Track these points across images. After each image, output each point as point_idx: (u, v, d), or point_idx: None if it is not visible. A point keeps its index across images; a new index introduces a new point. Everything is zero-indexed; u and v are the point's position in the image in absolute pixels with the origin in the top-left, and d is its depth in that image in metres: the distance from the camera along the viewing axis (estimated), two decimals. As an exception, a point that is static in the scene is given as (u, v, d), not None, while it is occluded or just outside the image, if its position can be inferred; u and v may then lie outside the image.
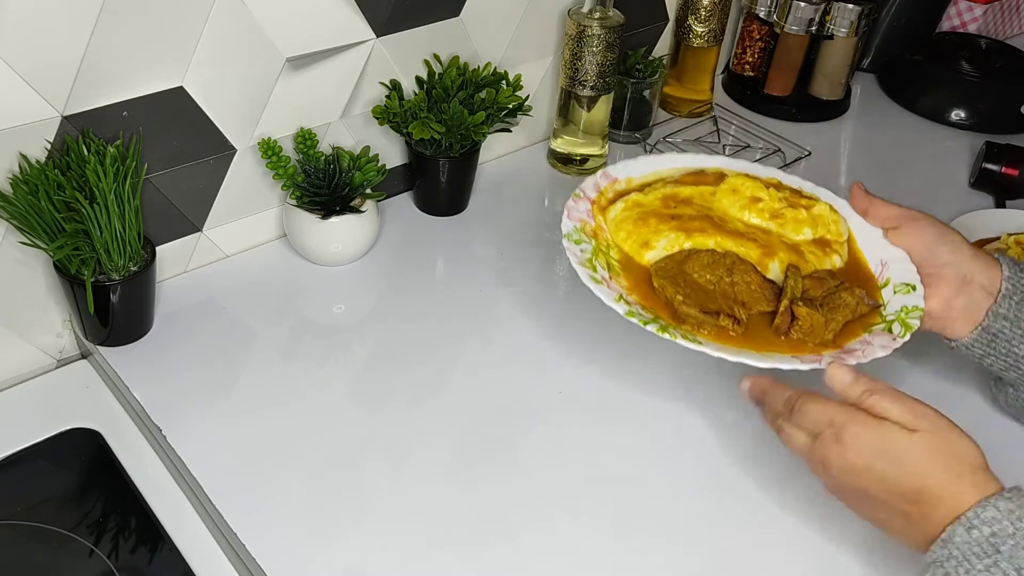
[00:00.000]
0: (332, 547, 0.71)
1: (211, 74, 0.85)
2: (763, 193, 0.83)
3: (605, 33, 1.05)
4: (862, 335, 0.73)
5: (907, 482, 0.60)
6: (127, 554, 0.72)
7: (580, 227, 0.80)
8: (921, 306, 0.74)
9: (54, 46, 0.75)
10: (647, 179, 0.88)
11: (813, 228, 0.82)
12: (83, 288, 0.79)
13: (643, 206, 0.83)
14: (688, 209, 0.82)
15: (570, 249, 0.78)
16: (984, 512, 0.57)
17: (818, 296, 0.74)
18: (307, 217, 0.93)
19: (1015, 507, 0.57)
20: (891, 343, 0.72)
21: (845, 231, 0.84)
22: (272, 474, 0.76)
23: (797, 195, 0.85)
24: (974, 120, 1.33)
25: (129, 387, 0.82)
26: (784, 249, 0.79)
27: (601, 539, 0.73)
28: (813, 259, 0.80)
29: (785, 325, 0.73)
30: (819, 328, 0.72)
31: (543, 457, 0.79)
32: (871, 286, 0.78)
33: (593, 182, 0.87)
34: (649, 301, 0.75)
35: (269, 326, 0.90)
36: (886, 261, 0.79)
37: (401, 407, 0.83)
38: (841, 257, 0.82)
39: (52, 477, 0.78)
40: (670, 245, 0.80)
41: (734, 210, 0.83)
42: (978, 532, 0.57)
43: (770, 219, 0.82)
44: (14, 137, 0.76)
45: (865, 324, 0.75)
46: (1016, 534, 0.56)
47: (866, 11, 1.25)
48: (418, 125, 0.96)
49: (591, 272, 0.75)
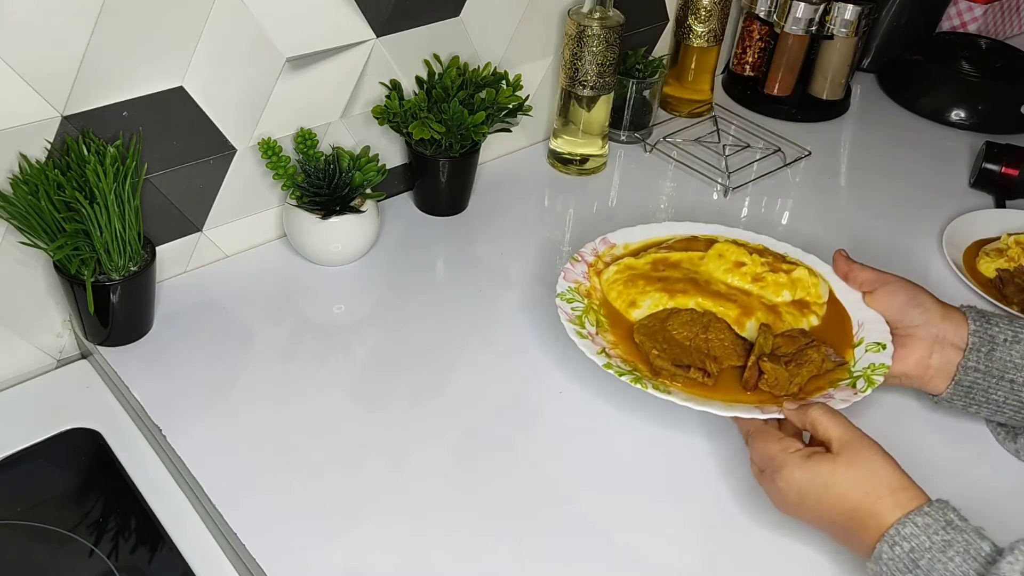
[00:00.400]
0: (332, 547, 0.71)
1: (211, 74, 0.85)
2: (747, 258, 0.90)
3: (605, 33, 1.05)
4: (827, 389, 0.79)
5: (837, 509, 0.66)
6: (127, 554, 0.72)
7: (575, 287, 0.88)
8: (888, 364, 0.80)
9: (54, 46, 0.75)
10: (643, 244, 0.95)
11: (792, 290, 0.89)
12: (83, 288, 0.79)
13: (634, 269, 0.91)
14: (675, 272, 0.90)
15: (561, 307, 0.85)
16: (904, 529, 0.62)
17: (788, 353, 0.80)
18: (307, 217, 0.93)
19: (932, 521, 0.62)
20: (852, 397, 0.77)
21: (825, 293, 0.90)
22: (272, 474, 0.76)
23: (780, 260, 0.92)
24: (974, 120, 1.33)
25: (129, 387, 0.82)
26: (762, 309, 0.86)
27: (601, 539, 0.73)
28: (790, 319, 0.86)
29: (753, 379, 0.79)
30: (783, 382, 0.78)
31: (543, 457, 0.79)
32: (846, 344, 0.84)
33: (592, 247, 0.94)
34: (631, 355, 0.83)
35: (269, 326, 0.90)
36: (863, 321, 0.86)
37: (401, 407, 0.83)
38: (818, 317, 0.88)
39: (52, 477, 0.78)
40: (654, 304, 0.87)
41: (719, 273, 0.90)
42: (899, 548, 0.62)
43: (752, 282, 0.89)
44: (14, 137, 0.76)
45: (831, 379, 0.80)
46: (932, 548, 0.61)
47: (866, 11, 1.25)
48: (418, 125, 0.96)
49: (578, 328, 0.83)
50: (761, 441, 0.72)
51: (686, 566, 0.72)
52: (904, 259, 1.04)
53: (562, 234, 1.05)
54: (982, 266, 1.05)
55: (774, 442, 0.71)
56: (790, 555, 0.73)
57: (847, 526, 0.66)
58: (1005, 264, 1.04)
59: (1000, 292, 1.01)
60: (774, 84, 1.32)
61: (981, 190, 1.20)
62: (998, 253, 1.05)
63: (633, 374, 0.79)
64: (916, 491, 0.65)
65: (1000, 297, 1.00)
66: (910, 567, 0.61)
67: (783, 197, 1.17)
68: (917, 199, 1.18)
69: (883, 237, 1.09)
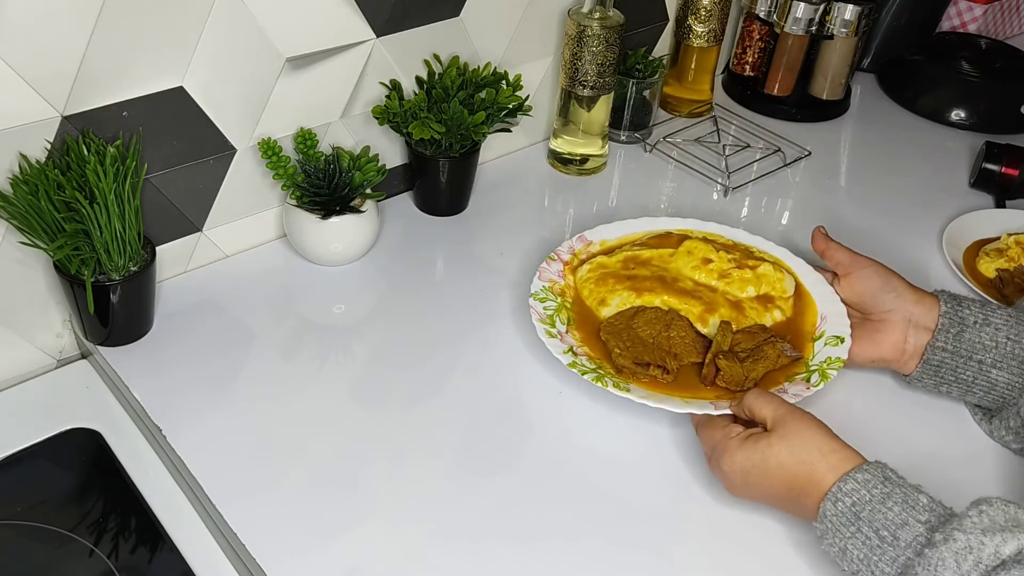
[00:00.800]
0: (332, 547, 0.71)
1: (211, 74, 0.85)
2: (714, 255, 0.92)
3: (605, 33, 1.05)
4: (782, 383, 0.81)
5: (778, 481, 0.69)
6: (127, 554, 0.72)
7: (549, 287, 0.90)
8: (843, 358, 0.83)
9: (54, 46, 0.75)
10: (620, 241, 0.98)
11: (756, 286, 0.91)
12: (83, 288, 0.79)
13: (606, 267, 0.93)
14: (644, 270, 0.92)
15: (534, 307, 0.87)
16: (845, 486, 0.66)
17: (747, 349, 0.83)
18: (307, 217, 0.93)
19: (871, 477, 0.66)
20: (804, 392, 0.80)
21: (791, 287, 0.92)
22: (272, 474, 0.76)
23: (748, 255, 0.94)
24: (974, 120, 1.33)
25: (129, 387, 0.82)
26: (726, 306, 0.88)
27: (600, 539, 0.73)
28: (753, 314, 0.89)
29: (711, 375, 0.81)
30: (738, 378, 0.80)
31: (543, 457, 0.79)
32: (807, 338, 0.87)
33: (568, 245, 0.96)
34: (597, 352, 0.85)
35: (269, 326, 0.90)
36: (826, 315, 0.88)
37: (401, 407, 0.83)
38: (783, 312, 0.90)
39: (52, 477, 0.78)
40: (622, 303, 0.89)
41: (687, 270, 0.92)
42: (842, 504, 0.65)
43: (718, 279, 0.91)
44: (14, 137, 0.76)
45: (788, 373, 0.83)
46: (872, 500, 0.65)
47: (866, 11, 1.25)
48: (418, 125, 0.96)
49: (548, 327, 0.85)
50: (706, 430, 0.76)
51: (688, 566, 0.72)
52: (904, 259, 1.04)
53: (562, 234, 1.05)
54: (982, 266, 1.05)
55: (717, 430, 0.74)
56: (790, 555, 0.73)
57: (790, 495, 0.69)
58: (1005, 264, 1.04)
59: (1000, 292, 1.01)
60: (774, 84, 1.32)
61: (981, 190, 1.20)
62: (998, 253, 1.05)
63: (596, 372, 0.81)
64: (849, 451, 0.68)
65: (1000, 297, 1.00)
66: (852, 520, 0.65)
67: (783, 197, 1.17)
68: (917, 199, 1.18)
69: (883, 237, 1.09)
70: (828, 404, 0.83)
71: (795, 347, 0.85)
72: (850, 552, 0.65)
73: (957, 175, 1.23)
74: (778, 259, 0.95)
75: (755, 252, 0.96)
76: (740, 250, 0.95)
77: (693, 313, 0.87)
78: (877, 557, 0.63)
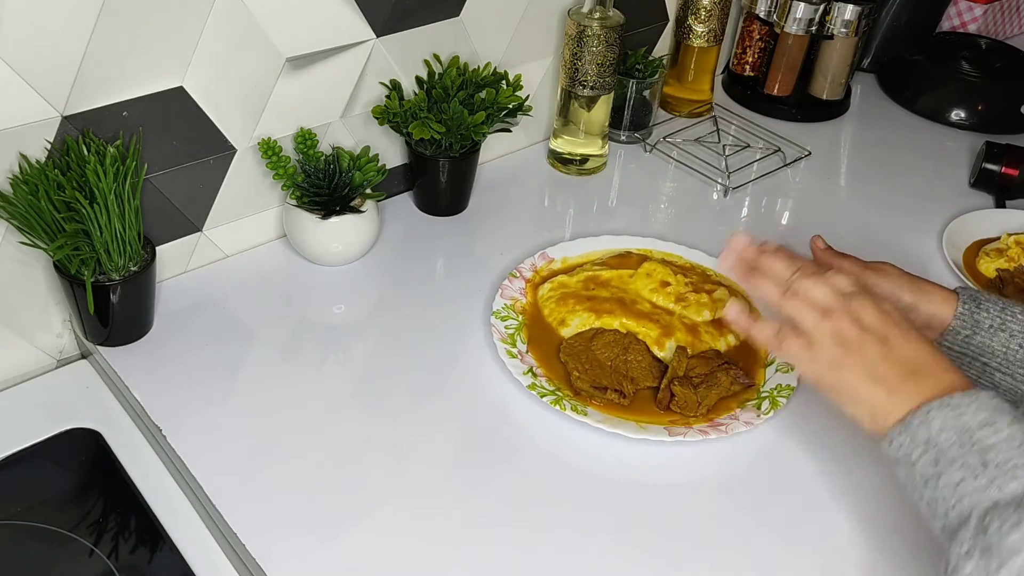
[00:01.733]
0: (332, 547, 0.71)
1: (211, 74, 0.85)
2: (672, 279, 0.94)
3: (605, 33, 1.05)
4: (735, 410, 0.83)
5: (896, 357, 0.66)
6: (127, 554, 0.72)
7: (511, 304, 0.92)
8: (793, 385, 0.84)
9: (54, 46, 0.75)
10: (581, 259, 0.99)
11: (711, 311, 0.92)
12: (83, 288, 0.79)
13: (566, 287, 0.94)
14: (604, 291, 0.93)
15: (495, 325, 0.89)
16: None
17: (701, 374, 0.84)
18: (307, 217, 0.93)
19: None
20: (755, 419, 0.81)
21: None
22: (272, 474, 0.76)
23: (705, 278, 0.96)
24: (974, 120, 1.33)
25: (129, 387, 0.82)
26: (683, 330, 0.89)
27: (601, 539, 0.73)
28: (708, 338, 0.90)
29: (665, 400, 0.83)
30: (692, 404, 0.82)
31: (543, 456, 0.79)
32: (758, 364, 0.89)
33: (531, 262, 0.97)
34: (555, 373, 0.86)
35: (269, 326, 0.90)
36: None
37: (401, 407, 0.83)
38: (736, 337, 0.91)
39: (52, 477, 0.78)
40: (582, 324, 0.90)
41: (645, 292, 0.93)
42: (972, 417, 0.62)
43: (675, 302, 0.92)
44: (14, 137, 0.76)
45: (740, 400, 0.84)
46: None
47: (866, 11, 1.25)
48: (418, 125, 0.96)
49: (509, 347, 0.86)
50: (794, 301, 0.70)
51: (688, 565, 0.72)
52: (904, 259, 1.03)
53: (562, 234, 1.05)
54: (982, 266, 1.05)
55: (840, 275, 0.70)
56: (790, 555, 0.73)
57: (905, 371, 0.65)
58: (1005, 264, 1.04)
59: (1000, 292, 1.01)
60: (774, 84, 1.32)
61: (981, 190, 1.20)
62: (998, 253, 1.05)
63: (555, 395, 0.82)
64: None
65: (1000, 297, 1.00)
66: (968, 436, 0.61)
67: (783, 197, 1.17)
68: (917, 199, 1.18)
69: (883, 237, 1.09)
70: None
71: (747, 373, 0.86)
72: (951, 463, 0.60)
73: (957, 175, 1.23)
74: (733, 283, 0.95)
75: (712, 276, 0.97)
76: (697, 273, 0.97)
77: (650, 336, 0.88)
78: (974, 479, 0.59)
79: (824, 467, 0.80)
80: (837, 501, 0.77)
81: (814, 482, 0.78)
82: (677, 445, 0.80)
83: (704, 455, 0.80)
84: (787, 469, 0.80)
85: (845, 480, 0.79)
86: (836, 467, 0.80)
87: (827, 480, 0.78)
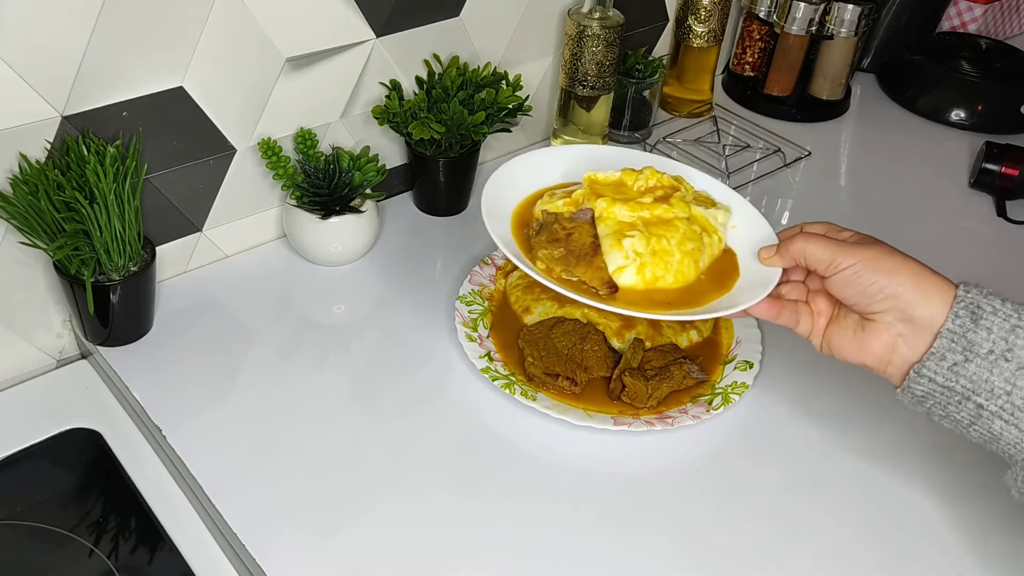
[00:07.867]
0: (332, 547, 0.71)
1: (211, 74, 0.85)
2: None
3: (605, 33, 1.05)
4: (686, 403, 0.83)
5: None
6: (127, 554, 0.72)
7: (478, 290, 0.92)
8: (748, 383, 0.85)
9: (54, 46, 0.75)
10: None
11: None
12: (83, 288, 0.79)
13: None
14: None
15: (459, 310, 0.90)
16: None
17: (656, 367, 0.84)
18: (307, 217, 0.93)
19: None
20: (703, 414, 0.82)
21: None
22: (272, 474, 0.76)
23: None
24: (974, 120, 1.33)
25: (129, 387, 0.82)
26: (644, 323, 0.89)
27: (601, 539, 0.73)
28: (670, 333, 0.89)
29: (616, 390, 0.83)
30: (642, 396, 0.82)
31: (544, 456, 0.79)
32: (717, 360, 0.88)
33: None
34: (513, 359, 0.87)
35: (269, 326, 0.90)
36: (740, 339, 0.90)
37: (401, 407, 0.83)
38: (699, 332, 0.91)
39: (52, 477, 0.78)
40: (545, 312, 0.90)
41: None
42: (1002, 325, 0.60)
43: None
44: (14, 137, 0.76)
45: (693, 394, 0.84)
46: None
47: (866, 11, 1.25)
48: (418, 125, 0.96)
49: (470, 331, 0.87)
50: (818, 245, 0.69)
51: (687, 565, 0.72)
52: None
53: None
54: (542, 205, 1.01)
55: None
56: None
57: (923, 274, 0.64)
58: (561, 209, 1.00)
59: (536, 234, 0.99)
60: (774, 84, 1.32)
61: (981, 190, 1.20)
62: (566, 195, 1.02)
63: (508, 379, 0.83)
64: None
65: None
66: None
67: (783, 197, 1.17)
68: (917, 199, 1.18)
69: (882, 237, 1.08)
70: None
71: (706, 368, 0.86)
72: None
73: (957, 175, 1.23)
74: None
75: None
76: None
77: (611, 328, 0.88)
78: None
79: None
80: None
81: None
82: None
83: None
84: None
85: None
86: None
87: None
